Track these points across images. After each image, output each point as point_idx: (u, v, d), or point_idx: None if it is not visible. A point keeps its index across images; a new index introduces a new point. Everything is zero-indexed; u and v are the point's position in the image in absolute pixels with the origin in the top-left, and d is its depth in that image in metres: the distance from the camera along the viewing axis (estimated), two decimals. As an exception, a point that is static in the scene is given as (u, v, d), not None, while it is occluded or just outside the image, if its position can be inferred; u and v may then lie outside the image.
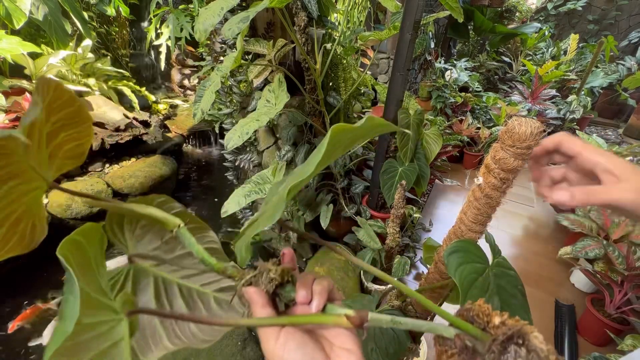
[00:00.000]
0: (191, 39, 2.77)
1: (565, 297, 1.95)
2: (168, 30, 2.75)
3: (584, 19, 6.16)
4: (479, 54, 5.54)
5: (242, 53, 1.65)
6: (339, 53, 1.79)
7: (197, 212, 2.78)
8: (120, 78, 3.47)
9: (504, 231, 2.54)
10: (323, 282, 0.32)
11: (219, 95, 2.18)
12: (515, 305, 0.49)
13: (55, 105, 0.28)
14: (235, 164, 2.32)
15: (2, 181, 0.24)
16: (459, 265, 0.47)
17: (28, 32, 2.75)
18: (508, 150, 0.44)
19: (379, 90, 2.15)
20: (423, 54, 4.10)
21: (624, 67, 5.00)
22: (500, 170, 0.46)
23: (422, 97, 4.00)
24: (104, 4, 2.93)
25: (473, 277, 0.46)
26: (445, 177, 2.66)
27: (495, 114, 3.61)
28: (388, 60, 4.14)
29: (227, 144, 1.42)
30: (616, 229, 1.88)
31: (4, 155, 0.23)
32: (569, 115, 4.02)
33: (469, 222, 0.55)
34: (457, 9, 1.51)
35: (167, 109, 4.01)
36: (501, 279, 0.50)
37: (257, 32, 1.85)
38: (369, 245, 1.69)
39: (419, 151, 1.83)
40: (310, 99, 1.73)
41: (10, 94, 2.38)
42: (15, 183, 0.25)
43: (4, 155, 0.23)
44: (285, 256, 0.35)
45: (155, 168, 2.69)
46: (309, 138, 1.97)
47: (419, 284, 0.82)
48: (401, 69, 1.54)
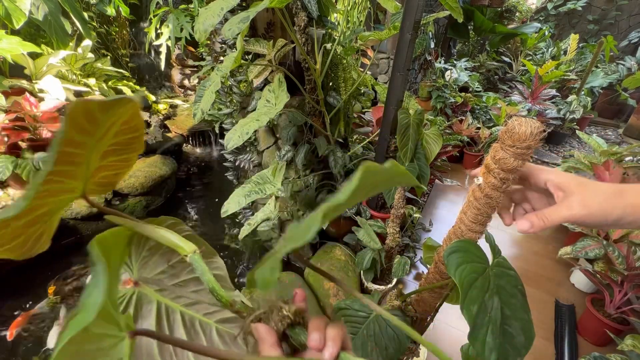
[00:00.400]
0: (191, 39, 2.77)
1: (565, 297, 1.95)
2: (168, 30, 2.75)
3: (584, 19, 6.16)
4: (479, 54, 5.54)
5: (242, 53, 1.65)
6: (339, 53, 1.79)
7: (197, 212, 2.78)
8: (120, 78, 3.47)
9: (504, 231, 2.54)
10: (337, 327, 0.29)
11: (219, 95, 2.18)
12: (515, 305, 0.49)
13: (124, 127, 0.27)
14: (235, 164, 2.32)
15: (62, 162, 0.23)
16: (458, 265, 0.47)
17: (28, 32, 2.75)
18: (508, 150, 0.44)
19: (379, 90, 2.15)
20: (423, 54, 4.10)
21: (624, 67, 5.00)
22: (500, 170, 0.46)
23: (422, 97, 4.00)
24: (104, 4, 2.93)
25: (473, 277, 0.46)
26: (445, 177, 2.66)
27: (495, 114, 3.61)
28: (388, 60, 4.14)
29: (227, 144, 1.42)
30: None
31: (83, 132, 0.21)
32: (569, 115, 4.02)
33: (469, 222, 0.55)
34: (457, 9, 1.51)
35: (167, 109, 4.01)
36: (501, 278, 0.50)
37: (257, 32, 1.85)
38: (369, 245, 1.69)
39: (419, 151, 1.83)
40: (310, 99, 1.73)
41: (10, 94, 2.38)
42: (61, 175, 0.24)
43: (83, 132, 0.21)
44: (297, 296, 0.33)
45: (155, 168, 2.69)
46: (309, 138, 1.97)
47: (419, 284, 0.82)
48: (401, 69, 1.54)
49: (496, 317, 0.46)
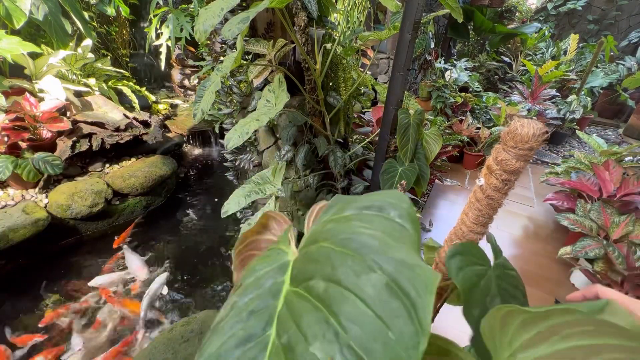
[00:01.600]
0: (191, 39, 2.77)
1: (565, 297, 1.95)
2: (168, 30, 2.75)
3: (584, 19, 6.16)
4: (479, 54, 5.54)
5: (242, 53, 1.65)
6: (339, 53, 1.79)
7: (197, 212, 2.78)
8: (120, 78, 3.47)
9: (504, 231, 2.54)
10: None
11: (219, 96, 2.18)
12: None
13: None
14: (235, 164, 2.32)
15: None
16: (460, 269, 0.46)
17: (28, 32, 2.75)
18: (510, 152, 0.43)
19: (379, 90, 2.15)
20: (423, 54, 4.10)
21: (624, 67, 5.00)
22: (502, 171, 0.46)
23: (422, 97, 4.00)
24: (104, 4, 2.93)
25: (475, 281, 0.46)
26: (445, 177, 2.66)
27: (495, 114, 3.61)
28: (388, 60, 4.14)
29: (227, 144, 1.42)
30: (616, 229, 1.88)
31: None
32: (569, 115, 4.02)
33: (471, 223, 0.55)
34: (456, 9, 1.51)
35: (167, 109, 4.01)
36: (503, 280, 0.50)
37: (257, 32, 1.85)
38: (369, 246, 1.69)
39: (419, 151, 1.82)
40: (310, 99, 1.73)
41: (10, 94, 2.38)
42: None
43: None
44: None
45: (155, 168, 2.69)
46: (309, 138, 1.97)
47: (420, 285, 0.82)
48: (401, 69, 1.54)
49: (498, 318, 0.46)
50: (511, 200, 2.95)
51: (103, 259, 2.19)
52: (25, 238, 1.96)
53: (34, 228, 2.00)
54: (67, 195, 2.21)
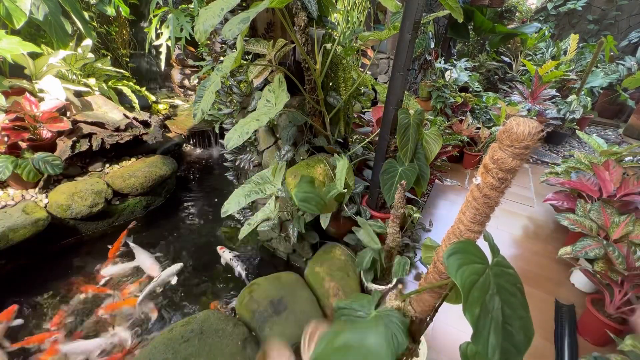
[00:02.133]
0: (191, 39, 2.78)
1: (565, 297, 1.95)
2: (168, 30, 2.75)
3: (584, 19, 6.16)
4: (479, 54, 5.54)
5: (242, 53, 1.65)
6: (339, 53, 1.79)
7: (197, 212, 2.78)
8: (120, 78, 3.47)
9: (503, 231, 2.54)
10: None
11: (219, 96, 2.18)
12: (515, 303, 0.49)
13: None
14: (235, 164, 2.32)
15: None
16: (459, 267, 0.47)
17: (28, 32, 2.75)
18: (506, 150, 0.44)
19: (379, 90, 2.15)
20: (423, 54, 4.10)
21: (624, 67, 5.00)
22: (498, 170, 0.46)
23: (422, 97, 4.00)
24: (104, 4, 2.93)
25: (474, 279, 0.46)
26: (445, 177, 2.66)
27: (495, 114, 3.61)
28: (388, 60, 4.15)
29: (227, 143, 1.42)
30: (616, 228, 1.88)
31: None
32: (569, 115, 4.02)
33: (468, 222, 0.55)
34: (457, 9, 1.51)
35: (167, 109, 4.01)
36: (501, 278, 0.50)
37: (257, 32, 1.85)
38: (369, 245, 1.69)
39: (419, 151, 1.83)
40: (310, 99, 1.73)
41: (10, 94, 2.38)
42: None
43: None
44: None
45: (155, 168, 2.69)
46: (309, 138, 1.97)
47: (419, 284, 0.82)
48: (401, 69, 1.54)
49: (497, 317, 0.46)
50: (511, 201, 2.96)
51: (102, 259, 2.19)
52: (25, 238, 1.97)
53: (34, 228, 2.00)
54: (67, 195, 2.22)
